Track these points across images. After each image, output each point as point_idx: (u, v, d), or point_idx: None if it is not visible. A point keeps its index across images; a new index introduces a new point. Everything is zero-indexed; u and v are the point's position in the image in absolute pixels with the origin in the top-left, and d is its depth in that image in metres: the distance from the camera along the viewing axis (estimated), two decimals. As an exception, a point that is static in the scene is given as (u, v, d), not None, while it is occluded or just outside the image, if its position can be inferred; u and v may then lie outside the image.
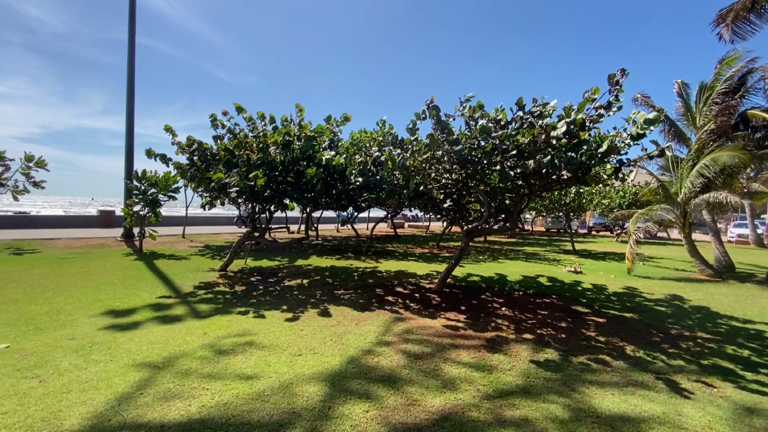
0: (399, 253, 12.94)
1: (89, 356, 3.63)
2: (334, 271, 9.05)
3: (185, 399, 2.90)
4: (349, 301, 6.15)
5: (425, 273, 9.03)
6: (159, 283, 7.01)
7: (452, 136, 5.52)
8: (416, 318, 5.30)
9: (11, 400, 2.80)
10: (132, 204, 11.13)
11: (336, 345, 4.15)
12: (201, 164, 7.51)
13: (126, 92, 14.17)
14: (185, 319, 4.94)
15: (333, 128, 8.58)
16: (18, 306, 5.21)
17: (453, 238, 20.75)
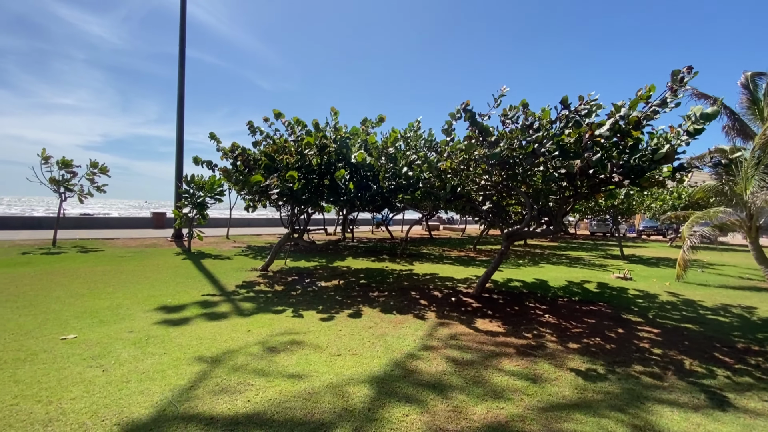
0: (434, 256, 12.80)
1: (146, 349, 3.88)
2: (369, 272, 9.10)
3: (232, 394, 3.02)
4: (385, 303, 6.15)
5: (463, 277, 8.86)
6: (206, 282, 7.37)
7: (490, 137, 5.40)
8: (455, 323, 5.20)
9: (79, 387, 3.04)
10: (182, 206, 11.84)
11: (375, 347, 4.16)
12: (243, 168, 7.85)
13: (177, 102, 15.11)
14: (230, 316, 5.15)
15: (368, 129, 8.65)
16: (84, 300, 5.68)
17: (490, 241, 20.25)
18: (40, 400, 2.81)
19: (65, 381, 3.12)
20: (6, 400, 2.79)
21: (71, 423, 2.55)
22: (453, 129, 6.12)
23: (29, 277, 7.16)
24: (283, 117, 7.83)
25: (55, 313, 4.98)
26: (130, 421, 2.61)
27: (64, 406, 2.74)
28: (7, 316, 4.78)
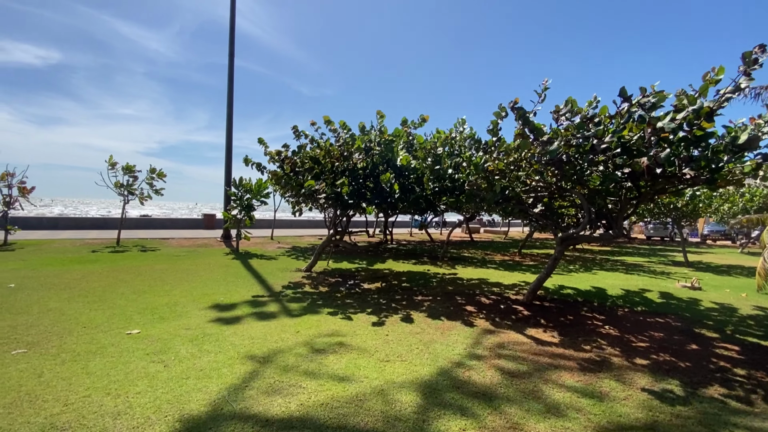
0: (477, 260, 12.43)
1: (202, 346, 4.02)
2: (411, 276, 8.98)
3: (285, 396, 3.03)
4: (430, 308, 6.00)
5: (510, 282, 8.50)
6: (254, 281, 7.61)
7: (543, 135, 5.10)
8: (506, 331, 4.95)
9: (143, 382, 3.19)
10: (231, 208, 12.37)
11: (423, 354, 4.04)
12: (290, 172, 8.04)
13: (226, 109, 15.88)
14: (279, 316, 5.25)
15: (410, 130, 8.55)
16: (145, 297, 6.04)
17: (535, 244, 19.40)
18: (110, 393, 2.97)
19: (131, 375, 3.29)
20: (80, 391, 2.98)
21: (137, 417, 2.66)
22: (499, 128, 5.88)
23: (98, 273, 7.76)
24: (333, 124, 7.95)
25: (120, 308, 5.33)
26: (191, 418, 2.68)
27: (130, 400, 2.87)
28: (80, 309, 5.17)
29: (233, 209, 12.47)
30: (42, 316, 4.81)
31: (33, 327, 4.41)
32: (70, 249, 11.16)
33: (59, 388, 3.01)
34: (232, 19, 15.70)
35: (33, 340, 4.00)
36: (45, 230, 16.47)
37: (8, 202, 12.10)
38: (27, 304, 5.31)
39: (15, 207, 12.34)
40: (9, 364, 3.41)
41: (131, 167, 13.46)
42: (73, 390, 2.98)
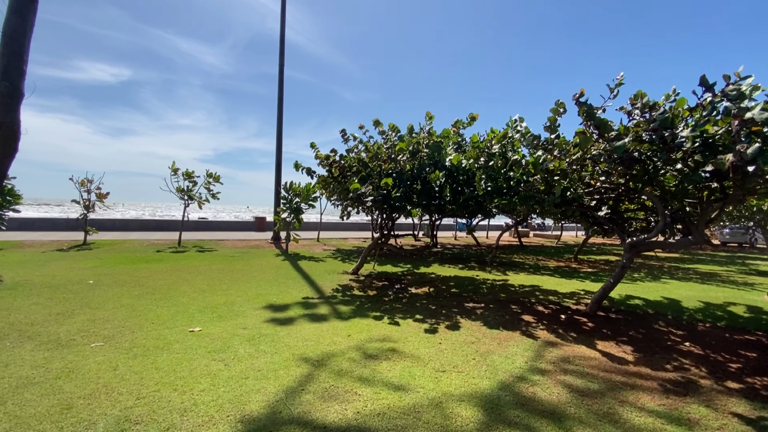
0: (529, 266, 11.82)
1: (258, 346, 4.10)
2: (459, 281, 8.70)
3: (341, 402, 2.97)
4: (484, 316, 5.73)
5: (567, 291, 7.95)
6: (304, 283, 7.75)
7: (610, 131, 4.68)
8: (570, 344, 4.59)
9: (206, 380, 3.29)
10: (281, 211, 12.80)
11: (481, 365, 3.82)
12: (338, 176, 8.13)
13: (275, 117, 16.52)
14: (330, 319, 5.26)
15: (459, 130, 8.32)
16: (205, 295, 6.34)
17: (592, 250, 18.14)
18: (176, 389, 3.08)
19: (195, 372, 3.41)
20: (150, 386, 3.13)
21: (202, 415, 2.73)
22: (558, 125, 5.50)
23: (162, 272, 8.32)
24: (381, 126, 7.95)
25: (183, 306, 5.63)
26: (251, 419, 2.70)
27: (195, 397, 2.96)
28: (148, 306, 5.53)
29: (283, 212, 12.89)
30: (116, 312, 5.19)
31: (109, 321, 4.76)
32: (138, 249, 12.12)
33: (132, 381, 3.19)
34: (282, 32, 16.32)
35: (109, 334, 4.31)
36: (117, 231, 18.09)
37: (87, 206, 13.40)
38: (103, 300, 5.78)
39: (93, 210, 13.64)
40: (89, 356, 3.68)
41: (191, 173, 14.39)
42: (144, 384, 3.14)
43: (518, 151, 6.72)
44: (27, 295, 5.85)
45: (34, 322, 4.60)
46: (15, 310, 5.06)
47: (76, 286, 6.57)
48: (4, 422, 2.54)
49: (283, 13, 16.24)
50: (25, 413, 2.65)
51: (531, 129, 5.84)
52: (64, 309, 5.21)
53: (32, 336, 4.16)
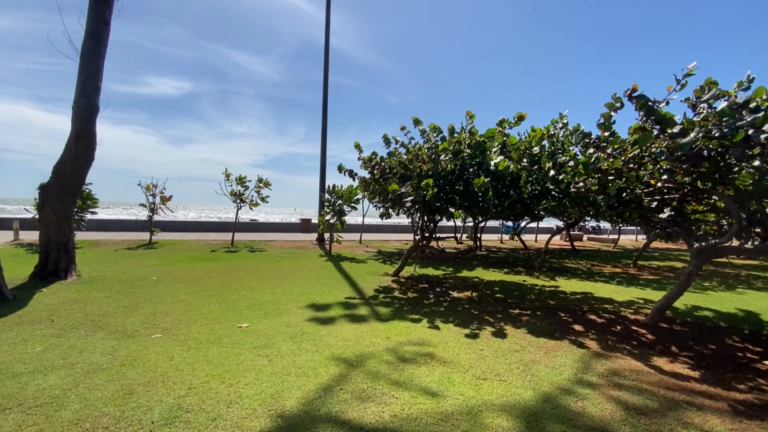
0: (581, 271, 11.12)
1: (300, 344, 4.22)
2: (504, 286, 8.38)
3: (378, 404, 2.97)
4: (530, 323, 5.47)
5: (625, 299, 7.37)
6: (345, 284, 7.89)
7: (673, 126, 4.27)
8: (625, 357, 4.24)
9: (251, 374, 3.44)
10: (324, 213, 13.14)
11: (524, 375, 3.65)
12: (379, 178, 8.19)
13: (321, 123, 17.02)
14: (369, 320, 5.30)
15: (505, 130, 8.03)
16: (253, 293, 6.66)
17: (654, 255, 16.68)
18: (224, 381, 3.26)
19: (241, 366, 3.58)
20: (200, 377, 3.33)
21: (246, 407, 2.86)
22: (612, 122, 5.12)
23: (216, 270, 8.86)
24: (421, 124, 7.90)
25: (233, 302, 5.95)
26: (291, 415, 2.78)
27: (240, 390, 3.11)
28: (202, 302, 5.91)
29: (326, 214, 13.24)
30: (174, 306, 5.61)
31: (168, 315, 5.15)
32: (195, 248, 13.03)
33: (185, 372, 3.42)
34: (326, 41, 16.80)
35: (167, 327, 4.66)
36: (178, 232, 19.58)
37: (152, 208, 14.65)
38: (164, 295, 6.26)
39: (157, 213, 14.89)
40: (149, 346, 4.00)
41: (243, 178, 15.22)
42: (195, 375, 3.35)
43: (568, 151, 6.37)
44: (100, 289, 6.50)
45: (105, 314, 5.10)
46: (90, 302, 5.64)
47: (142, 282, 7.19)
48: (75, 403, 2.83)
49: (327, 22, 16.71)
50: (93, 396, 2.94)
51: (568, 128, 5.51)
52: (131, 302, 5.72)
53: (103, 326, 4.60)
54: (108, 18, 7.28)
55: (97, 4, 7.11)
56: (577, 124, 6.49)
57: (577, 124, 6.55)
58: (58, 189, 7.20)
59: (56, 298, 5.77)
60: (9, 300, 5.52)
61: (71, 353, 3.74)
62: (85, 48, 7.19)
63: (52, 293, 6.07)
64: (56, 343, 3.98)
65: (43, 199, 7.26)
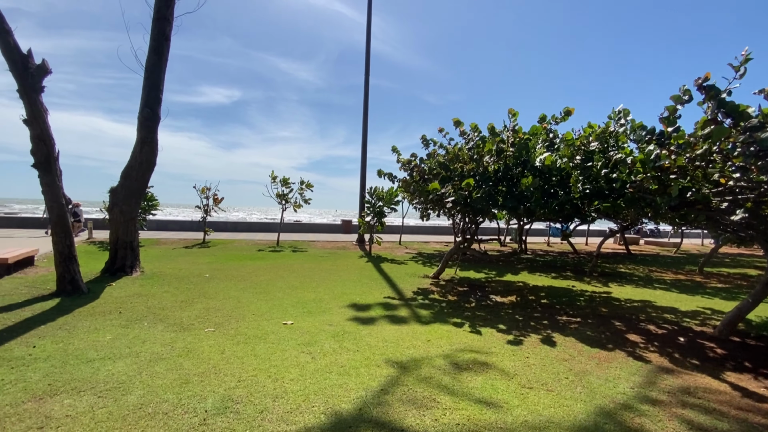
0: (638, 278, 10.34)
1: (342, 343, 4.30)
2: (552, 291, 7.99)
3: (419, 407, 2.94)
4: (580, 331, 5.17)
5: (689, 309, 6.75)
6: (385, 285, 7.92)
7: (748, 120, 3.84)
8: (690, 373, 3.87)
9: (295, 370, 3.55)
10: (365, 215, 13.29)
11: (575, 386, 3.45)
12: (419, 179, 8.14)
13: (361, 125, 17.27)
14: (410, 322, 5.28)
15: (550, 127, 7.66)
16: (297, 292, 6.88)
17: (724, 261, 15.12)
18: (270, 376, 3.39)
19: (286, 362, 3.71)
20: (249, 370, 3.49)
21: (290, 403, 2.95)
22: (677, 116, 4.71)
23: (263, 269, 9.26)
24: (462, 125, 7.76)
25: (278, 300, 6.18)
26: (333, 413, 2.83)
27: (285, 386, 3.22)
28: (250, 299, 6.20)
29: (367, 215, 13.39)
30: (225, 302, 5.93)
31: (219, 311, 5.46)
32: (244, 248, 13.71)
33: (235, 365, 3.60)
34: (367, 46, 17.02)
35: (219, 322, 4.94)
36: (228, 232, 20.73)
37: (206, 210, 15.62)
38: (216, 291, 6.65)
39: (210, 214, 15.85)
40: (203, 339, 4.26)
41: (287, 180, 15.81)
42: (244, 369, 3.52)
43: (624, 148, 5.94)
44: (160, 284, 7.03)
45: (165, 307, 5.50)
46: (151, 297, 6.11)
47: (196, 279, 7.69)
48: (139, 389, 3.07)
49: (368, 28, 16.93)
50: (155, 383, 3.18)
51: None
52: (187, 297, 6.13)
53: (163, 319, 4.97)
54: (168, 34, 7.87)
55: (158, 22, 7.73)
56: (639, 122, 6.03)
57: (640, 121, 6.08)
58: (126, 192, 7.89)
59: (123, 292, 6.32)
60: (84, 292, 6.13)
61: (135, 343, 4.07)
62: (148, 62, 7.83)
63: (120, 287, 6.66)
64: (123, 333, 4.36)
65: (113, 201, 7.99)
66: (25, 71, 5.54)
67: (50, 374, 3.26)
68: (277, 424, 2.65)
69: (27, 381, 3.12)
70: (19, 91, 5.59)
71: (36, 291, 6.10)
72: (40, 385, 3.07)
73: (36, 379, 3.17)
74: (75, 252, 6.22)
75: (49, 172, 5.89)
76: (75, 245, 6.30)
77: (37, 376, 3.22)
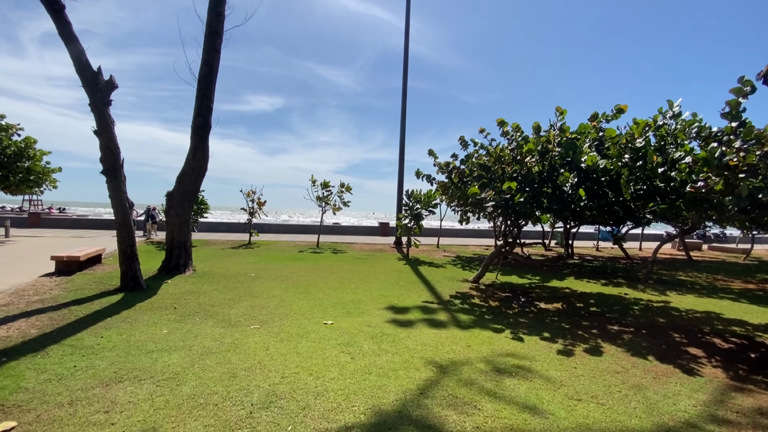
0: (700, 286, 9.48)
1: (381, 344, 4.32)
2: (602, 299, 7.53)
3: (460, 413, 2.89)
4: (634, 342, 4.83)
5: (763, 322, 6.09)
6: (423, 288, 7.86)
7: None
8: (764, 392, 3.49)
9: (335, 369, 3.61)
10: (402, 217, 13.30)
11: (629, 400, 3.22)
12: (458, 182, 8.02)
13: (399, 128, 17.32)
14: (449, 326, 5.20)
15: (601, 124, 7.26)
16: (336, 292, 7.01)
17: (803, 271, 13.46)
18: (312, 374, 3.47)
19: (327, 361, 3.79)
20: (291, 367, 3.60)
21: (331, 401, 3.01)
22: (742, 109, 4.29)
23: (304, 269, 9.54)
24: (506, 125, 7.56)
25: (319, 300, 6.34)
26: (373, 413, 2.85)
27: (326, 384, 3.29)
28: (292, 299, 6.41)
29: (404, 218, 13.38)
30: (269, 301, 6.17)
31: (264, 309, 5.69)
32: (286, 249, 14.20)
33: (278, 361, 3.73)
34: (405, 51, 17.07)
35: (263, 319, 5.14)
36: (272, 233, 21.57)
37: (251, 212, 16.37)
38: (261, 290, 6.94)
39: (255, 216, 16.59)
40: (249, 336, 4.45)
41: (327, 183, 16.19)
42: (287, 365, 3.64)
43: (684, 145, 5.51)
44: (210, 282, 7.45)
45: (214, 304, 5.82)
46: (202, 294, 6.49)
47: (243, 278, 8.07)
48: (192, 380, 3.27)
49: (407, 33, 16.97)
50: (206, 375, 3.37)
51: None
52: (234, 295, 6.45)
53: (212, 315, 5.26)
54: (219, 47, 8.37)
55: (210, 36, 8.24)
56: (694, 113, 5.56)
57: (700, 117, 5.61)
58: (180, 196, 8.46)
59: (177, 289, 6.76)
60: (144, 289, 6.64)
61: (188, 337, 4.34)
62: (200, 74, 8.37)
63: (175, 284, 7.14)
64: (177, 327, 4.66)
65: (169, 204, 8.60)
66: (95, 87, 6.12)
67: (115, 363, 3.56)
68: (318, 422, 2.71)
69: (96, 368, 3.43)
70: (91, 105, 6.18)
71: (103, 286, 6.70)
72: (106, 372, 3.36)
73: (103, 366, 3.47)
74: (136, 251, 6.75)
75: (115, 177, 6.45)
76: (136, 245, 6.84)
77: (104, 364, 3.53)
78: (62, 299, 5.76)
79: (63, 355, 3.70)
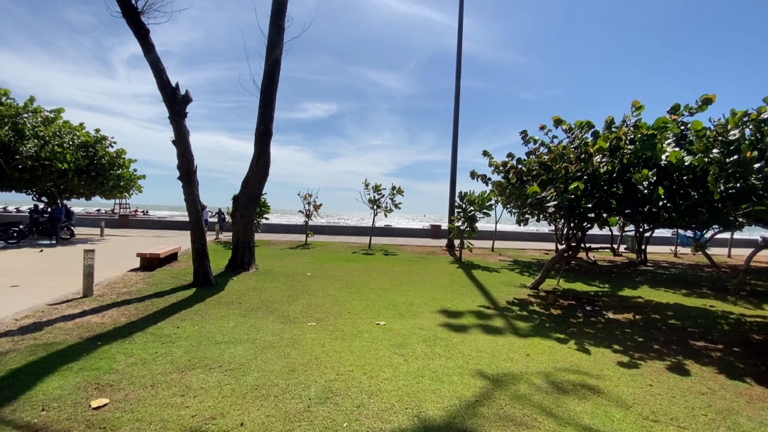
0: (809, 301, 8.11)
1: (434, 348, 4.26)
2: (682, 311, 6.76)
3: (518, 426, 2.75)
4: (722, 361, 4.26)
5: None
6: (477, 292, 7.63)
7: None
8: None
9: (388, 370, 3.63)
10: (455, 219, 13.04)
11: (717, 426, 2.84)
12: (516, 181, 7.68)
13: (451, 129, 17.05)
14: (505, 333, 4.98)
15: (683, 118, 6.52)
16: (388, 294, 7.06)
17: None
18: (365, 373, 3.52)
19: (380, 361, 3.82)
20: (346, 365, 3.68)
21: (384, 401, 3.02)
22: None
23: (356, 270, 9.73)
24: (564, 123, 7.12)
25: (371, 301, 6.42)
26: (426, 417, 2.81)
27: (380, 384, 3.31)
28: (345, 298, 6.56)
29: (457, 220, 13.11)
30: (324, 299, 6.38)
31: (319, 307, 5.89)
32: (339, 250, 14.61)
33: (334, 359, 3.83)
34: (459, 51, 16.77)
35: (319, 317, 5.33)
36: (326, 235, 22.33)
37: (308, 214, 17.09)
38: (316, 289, 7.20)
39: (311, 218, 17.29)
40: (306, 332, 4.64)
41: (378, 186, 16.41)
42: (342, 363, 3.73)
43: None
44: (271, 280, 7.89)
45: (274, 301, 6.15)
46: (264, 291, 6.89)
47: (300, 277, 8.44)
48: (255, 372, 3.47)
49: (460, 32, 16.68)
50: (267, 368, 3.56)
51: None
52: (292, 293, 6.76)
53: (273, 311, 5.56)
54: (279, 58, 8.87)
55: (271, 49, 8.76)
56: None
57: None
58: (245, 199, 9.08)
59: (242, 286, 7.25)
60: (213, 285, 7.21)
61: (252, 331, 4.63)
62: (263, 85, 8.92)
63: (240, 281, 7.66)
64: (242, 322, 4.99)
65: (235, 207, 9.26)
66: (174, 101, 6.78)
67: (189, 351, 3.90)
68: (372, 421, 2.73)
69: (173, 355, 3.78)
70: (170, 117, 6.86)
71: (178, 281, 7.38)
72: (182, 359, 3.69)
73: (179, 354, 3.82)
74: (207, 250, 7.36)
75: (190, 183, 7.09)
76: (207, 244, 7.46)
77: (180, 351, 3.88)
78: (145, 292, 6.45)
79: (146, 342, 4.13)
